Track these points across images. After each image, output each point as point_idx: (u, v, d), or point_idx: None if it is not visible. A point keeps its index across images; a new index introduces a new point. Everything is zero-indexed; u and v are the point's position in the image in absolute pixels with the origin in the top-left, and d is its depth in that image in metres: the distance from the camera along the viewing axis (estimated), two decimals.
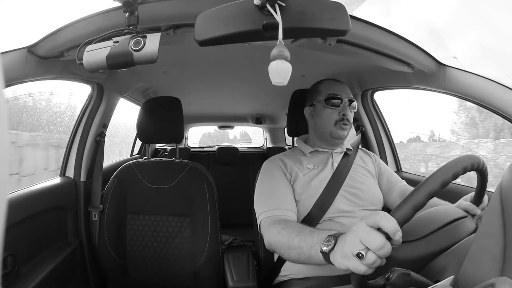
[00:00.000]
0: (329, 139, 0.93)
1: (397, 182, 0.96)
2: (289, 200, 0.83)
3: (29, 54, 0.72)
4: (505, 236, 0.43)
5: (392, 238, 0.43)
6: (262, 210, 0.80)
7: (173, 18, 0.63)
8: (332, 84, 0.94)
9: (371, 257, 0.43)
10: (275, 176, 0.88)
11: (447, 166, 0.49)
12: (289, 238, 0.65)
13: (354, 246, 0.45)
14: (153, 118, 1.10)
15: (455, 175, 0.48)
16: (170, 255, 1.03)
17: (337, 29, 0.46)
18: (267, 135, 2.96)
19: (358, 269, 0.44)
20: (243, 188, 2.02)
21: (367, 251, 0.43)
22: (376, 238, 0.43)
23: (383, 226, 0.43)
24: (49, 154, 1.96)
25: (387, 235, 0.43)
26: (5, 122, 0.18)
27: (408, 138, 3.82)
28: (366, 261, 0.43)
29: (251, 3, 0.45)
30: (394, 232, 0.43)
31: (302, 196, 0.84)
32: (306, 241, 0.59)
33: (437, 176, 0.47)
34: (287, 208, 0.80)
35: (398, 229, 0.43)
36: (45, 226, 0.94)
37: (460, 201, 0.67)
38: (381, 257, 0.44)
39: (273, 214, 0.77)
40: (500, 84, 0.75)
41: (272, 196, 0.83)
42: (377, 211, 0.46)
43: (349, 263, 0.45)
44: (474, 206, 0.64)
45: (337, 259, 0.48)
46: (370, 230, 0.44)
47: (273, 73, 0.44)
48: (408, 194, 0.47)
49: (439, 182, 0.46)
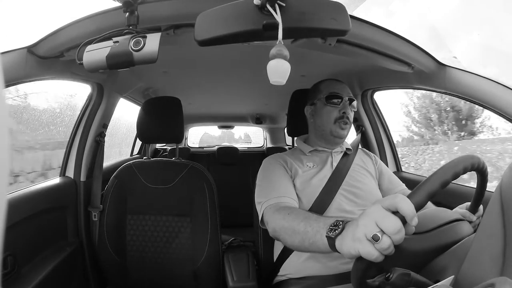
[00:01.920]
0: (329, 138, 0.93)
1: (398, 185, 0.96)
2: (291, 190, 0.83)
3: (29, 54, 0.72)
4: (505, 236, 0.43)
5: (409, 222, 0.41)
6: (265, 199, 0.79)
7: (173, 18, 0.63)
8: (333, 83, 0.95)
9: (386, 241, 0.41)
10: (276, 169, 0.88)
11: (457, 160, 0.50)
12: (295, 223, 0.62)
13: (369, 228, 0.42)
14: (153, 118, 1.10)
15: (465, 169, 0.49)
16: (170, 255, 1.03)
17: (337, 29, 0.46)
18: (267, 135, 2.96)
19: (370, 253, 0.42)
20: (243, 188, 2.02)
21: (382, 234, 0.41)
22: (393, 220, 0.41)
23: (402, 209, 0.41)
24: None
25: (403, 220, 0.41)
26: (5, 122, 0.18)
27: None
28: (380, 245, 0.41)
29: (251, 3, 0.45)
30: (412, 216, 0.41)
31: (302, 193, 0.85)
32: (312, 226, 0.57)
33: (449, 166, 0.48)
34: (291, 197, 0.79)
35: (415, 213, 0.41)
36: (45, 226, 0.94)
37: (455, 209, 0.68)
38: (395, 242, 0.41)
39: (278, 201, 0.77)
40: (500, 84, 0.75)
41: (275, 185, 0.83)
42: (394, 194, 0.45)
43: (361, 247, 0.43)
44: (470, 214, 0.65)
45: (346, 243, 0.46)
46: (387, 213, 0.42)
47: (271, 72, 0.44)
48: (422, 182, 0.46)
49: (451, 173, 0.47)
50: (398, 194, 0.44)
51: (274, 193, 0.79)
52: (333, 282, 0.74)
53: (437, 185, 0.46)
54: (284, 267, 0.86)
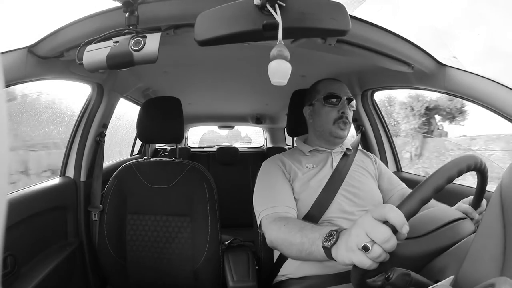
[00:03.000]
0: (328, 138, 0.93)
1: (397, 184, 0.96)
2: (289, 198, 0.82)
3: (29, 54, 0.72)
4: (505, 236, 0.43)
5: (399, 231, 0.42)
6: (262, 208, 0.80)
7: (173, 18, 0.63)
8: (330, 83, 0.95)
9: (377, 250, 0.42)
10: (274, 175, 0.88)
11: (452, 163, 0.49)
12: (290, 234, 0.64)
13: (360, 238, 0.44)
14: (153, 118, 1.10)
15: (459, 172, 0.48)
16: (170, 255, 1.03)
17: (337, 29, 0.46)
18: (267, 135, 2.96)
19: (362, 262, 0.43)
20: (243, 188, 2.02)
21: (373, 244, 0.42)
22: (382, 231, 0.42)
23: (390, 219, 0.42)
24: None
25: (394, 228, 0.42)
26: (5, 122, 0.18)
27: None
28: (371, 254, 0.42)
29: (251, 3, 0.44)
30: (401, 225, 0.42)
31: (301, 196, 0.84)
32: (308, 237, 0.58)
33: (443, 171, 0.47)
34: (288, 205, 0.80)
35: (405, 222, 0.42)
36: (45, 226, 0.94)
37: (459, 203, 0.67)
38: (387, 250, 0.42)
39: (274, 211, 0.77)
40: (500, 84, 0.75)
41: (271, 194, 0.83)
42: (383, 204, 0.46)
43: (354, 257, 0.44)
44: (473, 210, 0.64)
45: (341, 253, 0.47)
46: (376, 223, 0.43)
47: (272, 72, 0.44)
48: (414, 188, 0.46)
49: (445, 177, 0.46)
50: (387, 204, 0.45)
51: (271, 202, 0.80)
52: (333, 282, 0.74)
53: (430, 191, 0.45)
54: (284, 267, 0.86)
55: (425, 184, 0.46)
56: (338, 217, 0.82)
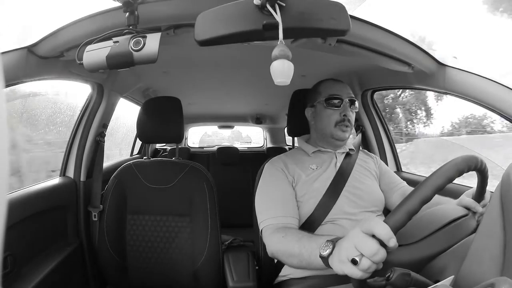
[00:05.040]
0: (330, 141, 0.93)
1: (398, 183, 0.96)
2: (290, 206, 0.83)
3: (29, 54, 0.72)
4: (505, 236, 0.43)
5: (387, 244, 0.44)
6: (263, 218, 0.81)
7: (173, 18, 0.63)
8: (332, 84, 0.94)
9: (366, 263, 0.44)
10: (276, 181, 0.87)
11: (441, 170, 0.48)
12: (289, 246, 0.66)
13: (349, 252, 0.46)
14: (153, 118, 1.10)
15: (450, 179, 0.47)
16: (170, 255, 1.03)
17: (337, 29, 0.46)
18: (267, 135, 2.96)
19: (354, 274, 0.45)
20: (243, 188, 2.02)
21: (361, 257, 0.44)
22: (369, 244, 0.44)
23: (377, 233, 0.44)
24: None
25: (382, 242, 0.44)
26: (5, 122, 0.18)
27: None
28: (361, 267, 0.44)
29: (251, 3, 0.44)
30: (387, 239, 0.44)
31: (305, 197, 0.84)
32: (306, 248, 0.61)
33: (430, 181, 0.47)
34: (288, 215, 0.80)
35: (391, 235, 0.44)
36: (45, 226, 0.94)
37: (462, 196, 0.66)
38: (376, 262, 0.45)
39: (274, 222, 0.78)
40: (500, 84, 0.75)
41: (273, 203, 0.83)
42: (371, 217, 0.47)
43: (345, 268, 0.47)
44: (476, 204, 0.62)
45: (335, 264, 0.50)
46: (364, 237, 0.45)
47: (275, 73, 0.44)
48: (402, 201, 0.47)
49: (433, 188, 0.46)
50: (374, 218, 0.47)
51: (272, 212, 0.80)
52: (334, 282, 0.74)
53: (417, 203, 0.45)
54: (286, 267, 0.86)
55: (412, 197, 0.46)
56: (341, 218, 0.82)
